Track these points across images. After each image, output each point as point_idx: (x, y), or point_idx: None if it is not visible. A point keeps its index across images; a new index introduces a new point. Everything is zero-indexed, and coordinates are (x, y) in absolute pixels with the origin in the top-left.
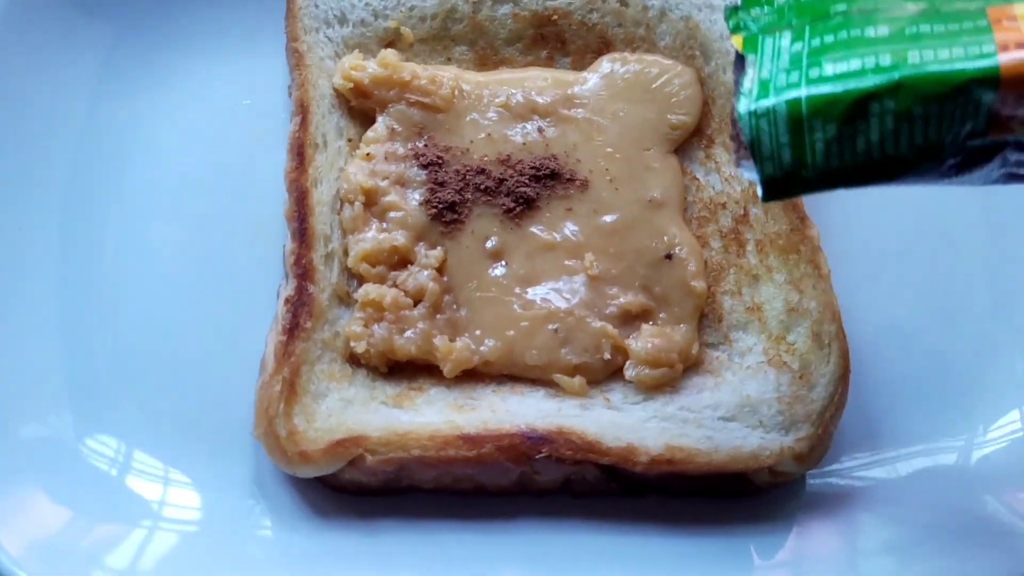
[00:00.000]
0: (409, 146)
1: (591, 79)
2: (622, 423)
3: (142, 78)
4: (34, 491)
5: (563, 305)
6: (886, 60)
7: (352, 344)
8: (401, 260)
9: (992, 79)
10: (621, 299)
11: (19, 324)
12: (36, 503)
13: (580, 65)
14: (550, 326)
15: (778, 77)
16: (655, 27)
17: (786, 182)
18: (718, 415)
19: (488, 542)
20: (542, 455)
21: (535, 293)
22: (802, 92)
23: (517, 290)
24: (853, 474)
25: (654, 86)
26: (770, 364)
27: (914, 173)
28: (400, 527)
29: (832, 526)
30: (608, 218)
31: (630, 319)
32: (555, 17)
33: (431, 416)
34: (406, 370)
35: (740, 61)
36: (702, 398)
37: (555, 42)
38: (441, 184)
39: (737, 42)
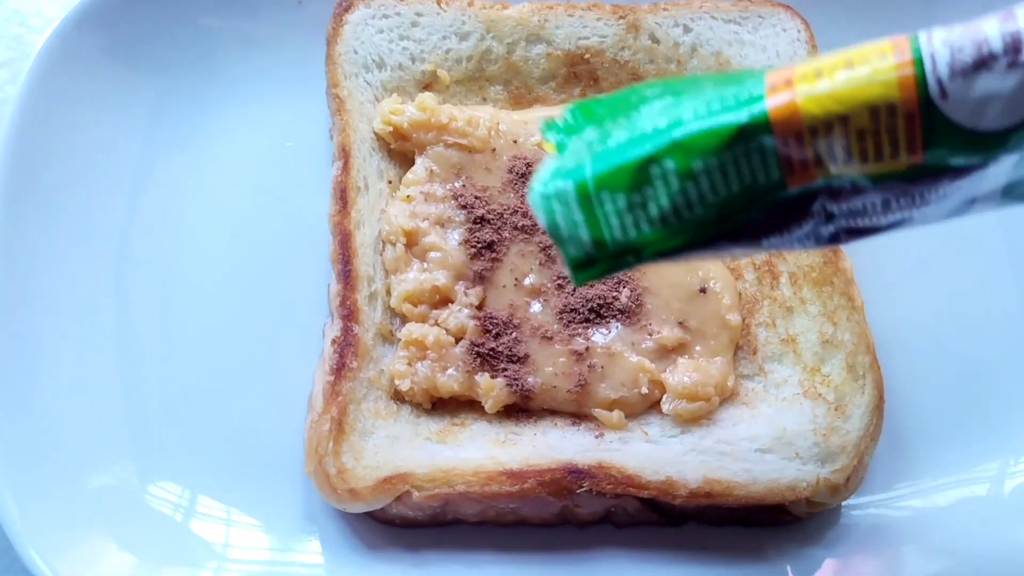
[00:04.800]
0: (448, 187)
1: None
2: (661, 456)
3: (189, 126)
4: (102, 539)
5: (600, 341)
6: (662, 122)
7: (397, 382)
8: (442, 299)
9: (763, 124)
10: (657, 334)
11: (81, 378)
12: (104, 551)
13: None
14: (588, 362)
15: (567, 161)
16: (686, 63)
17: (592, 263)
18: (755, 447)
19: (531, 573)
20: (583, 489)
21: (573, 330)
22: (587, 170)
23: (555, 327)
24: (889, 503)
25: None
26: (805, 396)
27: (723, 239)
28: (446, 558)
29: (869, 554)
30: None
31: (666, 353)
32: (587, 56)
33: (474, 451)
34: (448, 406)
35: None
36: (739, 430)
37: (588, 79)
38: (479, 224)
39: (550, 148)
